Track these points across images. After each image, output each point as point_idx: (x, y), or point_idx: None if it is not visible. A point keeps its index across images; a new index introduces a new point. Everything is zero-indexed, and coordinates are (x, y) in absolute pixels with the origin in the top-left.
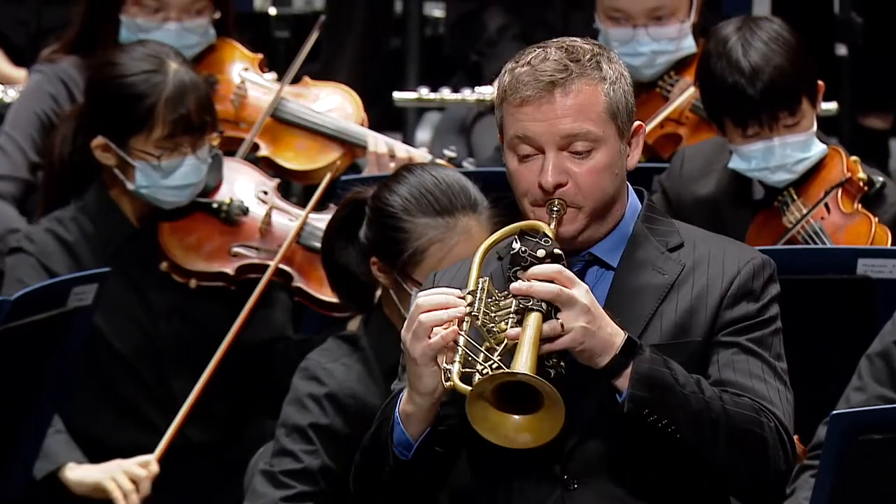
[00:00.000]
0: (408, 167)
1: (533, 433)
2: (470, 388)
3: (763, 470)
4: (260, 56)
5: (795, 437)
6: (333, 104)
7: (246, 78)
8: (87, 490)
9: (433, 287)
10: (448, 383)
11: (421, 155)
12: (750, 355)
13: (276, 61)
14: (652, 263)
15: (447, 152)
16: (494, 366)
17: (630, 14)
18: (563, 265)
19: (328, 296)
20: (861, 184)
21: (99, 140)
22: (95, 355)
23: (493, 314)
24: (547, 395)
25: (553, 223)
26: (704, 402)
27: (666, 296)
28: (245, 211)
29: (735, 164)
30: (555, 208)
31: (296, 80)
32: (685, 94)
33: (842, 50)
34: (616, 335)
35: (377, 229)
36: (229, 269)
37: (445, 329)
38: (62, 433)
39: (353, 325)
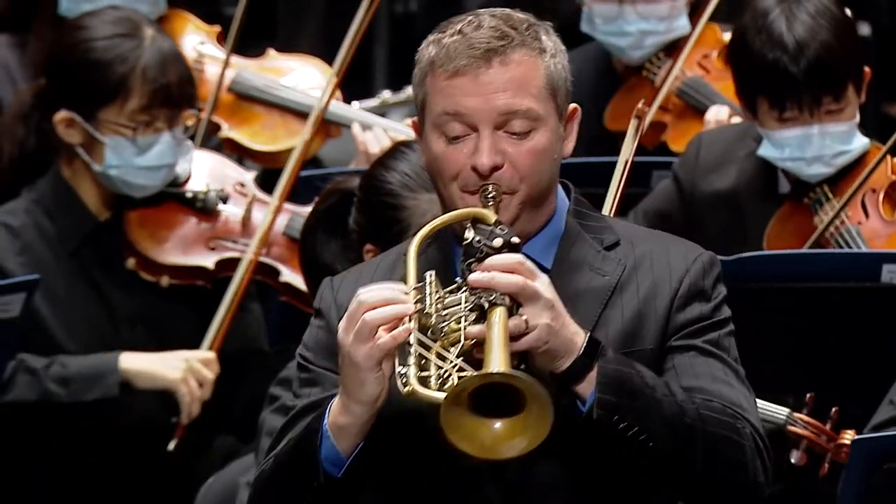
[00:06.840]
0: (405, 143)
1: (517, 439)
2: (432, 392)
3: (742, 479)
4: (217, 28)
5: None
6: (303, 78)
7: (203, 52)
8: (154, 384)
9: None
10: (407, 388)
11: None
12: (709, 357)
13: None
14: (589, 263)
15: None
16: (456, 367)
17: None
18: (523, 254)
19: None
20: None
21: (63, 114)
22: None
23: (443, 312)
24: (532, 395)
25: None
26: (678, 406)
27: (609, 300)
28: (225, 199)
29: (765, 151)
30: (490, 194)
31: (258, 53)
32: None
33: (864, 29)
34: (577, 334)
35: (372, 211)
36: (209, 263)
37: (393, 328)
38: (64, 362)
39: None
